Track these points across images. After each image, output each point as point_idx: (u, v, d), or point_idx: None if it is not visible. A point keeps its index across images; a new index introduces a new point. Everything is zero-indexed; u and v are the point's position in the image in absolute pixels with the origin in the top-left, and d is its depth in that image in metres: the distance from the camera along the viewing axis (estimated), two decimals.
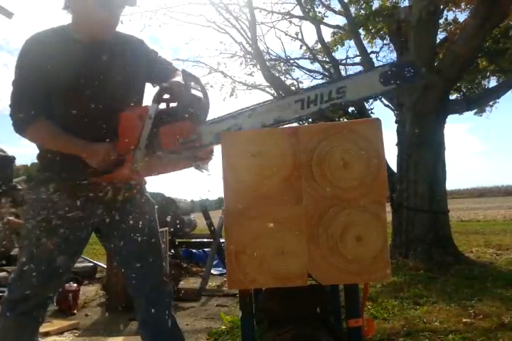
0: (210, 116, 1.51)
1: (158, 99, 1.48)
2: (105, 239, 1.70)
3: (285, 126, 1.37)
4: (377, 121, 1.29)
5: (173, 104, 1.51)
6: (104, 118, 1.53)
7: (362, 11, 8.76)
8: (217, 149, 1.46)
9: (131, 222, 1.62)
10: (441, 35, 7.08)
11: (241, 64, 10.75)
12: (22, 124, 1.52)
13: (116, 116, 1.52)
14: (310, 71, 10.94)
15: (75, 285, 3.80)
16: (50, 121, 1.53)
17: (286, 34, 10.31)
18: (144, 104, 1.64)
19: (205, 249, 5.92)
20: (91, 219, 1.59)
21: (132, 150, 1.47)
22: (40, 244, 1.52)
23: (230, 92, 10.72)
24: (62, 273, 1.59)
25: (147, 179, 1.76)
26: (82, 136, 1.52)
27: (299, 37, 10.28)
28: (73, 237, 1.56)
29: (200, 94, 1.51)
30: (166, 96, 1.50)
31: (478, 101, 6.89)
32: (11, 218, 4.63)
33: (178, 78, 1.53)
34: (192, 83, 1.49)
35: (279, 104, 1.38)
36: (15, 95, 1.52)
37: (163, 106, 1.51)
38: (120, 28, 1.59)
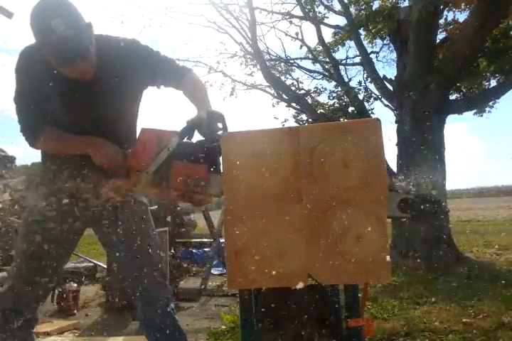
0: None
1: (183, 135, 1.43)
2: (100, 240, 1.73)
3: (285, 126, 1.37)
4: (377, 121, 1.29)
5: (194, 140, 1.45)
6: (97, 133, 1.56)
7: (362, 12, 8.73)
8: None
9: (122, 223, 1.64)
10: (441, 35, 7.07)
11: (241, 64, 10.72)
12: (30, 139, 1.59)
13: (109, 131, 1.55)
14: (310, 71, 10.92)
15: (75, 285, 3.81)
16: (55, 127, 1.57)
17: (286, 34, 10.28)
18: (166, 129, 1.49)
19: (205, 249, 5.93)
20: (81, 220, 1.62)
21: (139, 170, 1.42)
22: (29, 241, 1.57)
23: (230, 92, 10.69)
24: (47, 272, 1.60)
25: None
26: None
27: (299, 37, 10.27)
28: (62, 239, 1.60)
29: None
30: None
31: (478, 101, 6.88)
32: (11, 218, 4.64)
33: (207, 115, 1.46)
34: (219, 124, 1.43)
35: None
36: (18, 113, 1.57)
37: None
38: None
